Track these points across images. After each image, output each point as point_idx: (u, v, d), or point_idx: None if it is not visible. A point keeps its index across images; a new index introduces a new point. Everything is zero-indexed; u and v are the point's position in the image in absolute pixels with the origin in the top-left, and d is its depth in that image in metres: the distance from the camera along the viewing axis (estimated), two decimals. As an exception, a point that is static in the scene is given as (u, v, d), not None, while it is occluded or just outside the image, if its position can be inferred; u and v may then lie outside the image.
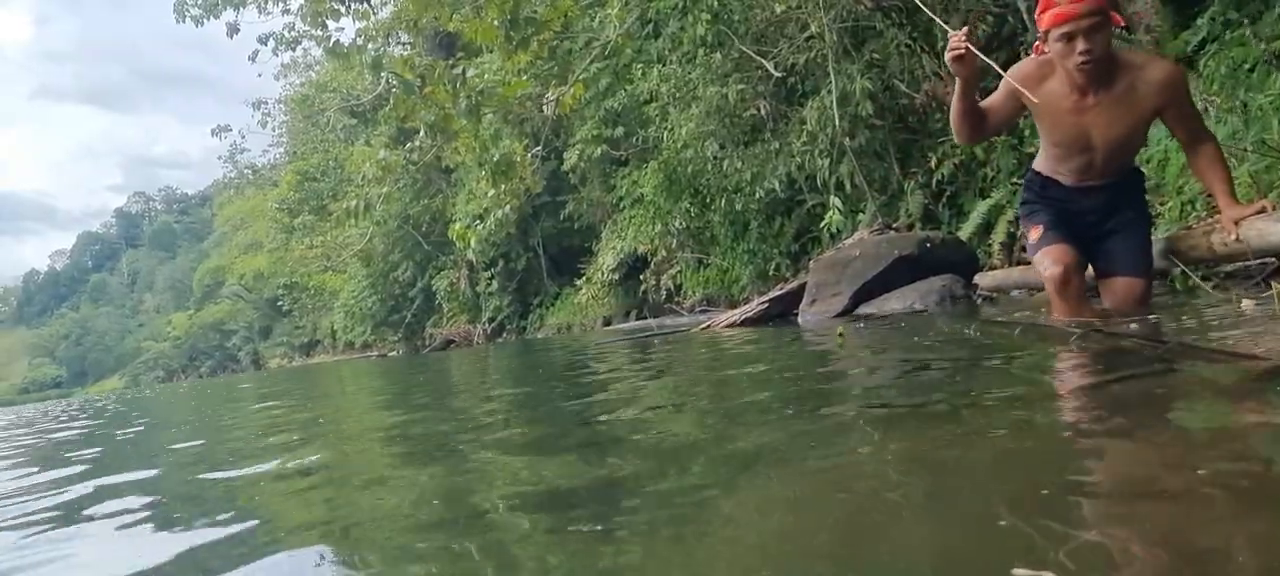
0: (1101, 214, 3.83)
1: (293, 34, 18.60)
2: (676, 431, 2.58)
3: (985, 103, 3.80)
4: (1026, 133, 8.91)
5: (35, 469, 3.96)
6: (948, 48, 3.54)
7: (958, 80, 3.67)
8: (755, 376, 3.94)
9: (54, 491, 2.95)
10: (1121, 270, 3.82)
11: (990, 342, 3.70)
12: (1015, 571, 1.00)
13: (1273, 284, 3.77)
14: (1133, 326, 3.22)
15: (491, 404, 4.48)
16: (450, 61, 13.38)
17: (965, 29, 3.55)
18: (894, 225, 9.93)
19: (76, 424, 8.35)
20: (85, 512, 2.44)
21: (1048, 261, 3.72)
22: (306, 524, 2.00)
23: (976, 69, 3.60)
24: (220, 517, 2.12)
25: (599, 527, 1.54)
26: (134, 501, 2.52)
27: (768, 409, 2.78)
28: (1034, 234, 3.87)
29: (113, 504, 2.52)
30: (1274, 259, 3.85)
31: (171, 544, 1.90)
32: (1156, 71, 3.48)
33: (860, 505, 1.45)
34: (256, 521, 2.05)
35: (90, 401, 20.43)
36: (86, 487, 2.95)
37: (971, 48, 3.49)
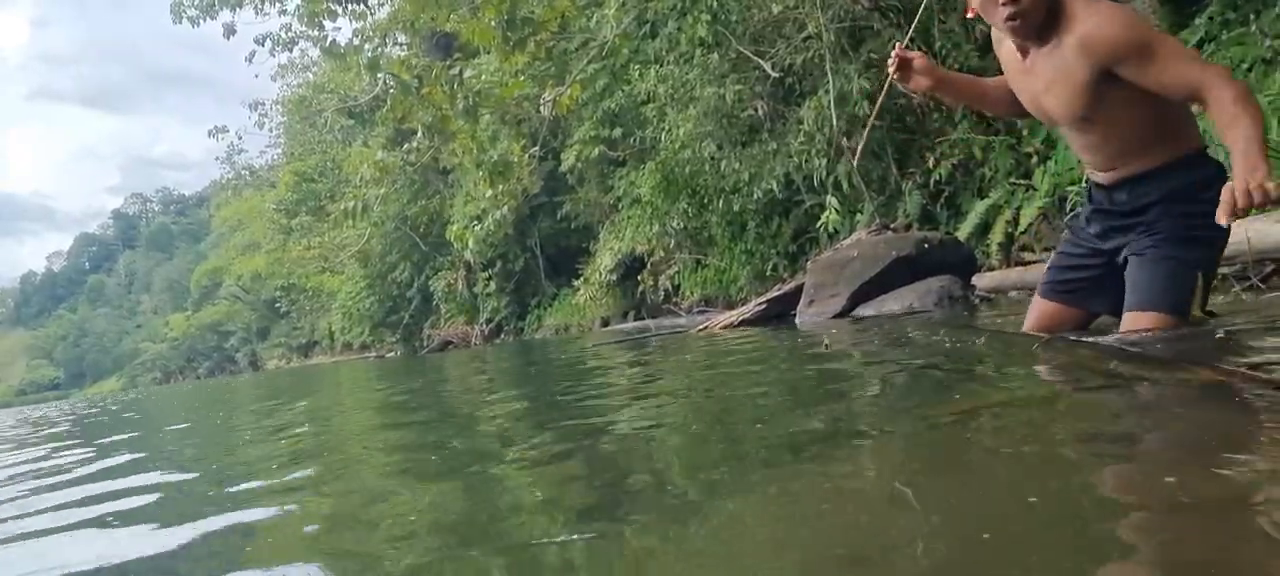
0: (1127, 220, 2.89)
1: (289, 35, 18.55)
2: (675, 439, 2.57)
3: (997, 79, 3.08)
4: (1025, 132, 8.90)
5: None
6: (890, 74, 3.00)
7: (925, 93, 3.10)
8: (751, 381, 3.93)
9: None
10: (1128, 305, 2.86)
11: (962, 349, 3.69)
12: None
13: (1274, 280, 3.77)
14: (1093, 338, 2.95)
15: (492, 410, 4.47)
16: (447, 62, 13.37)
17: (898, 48, 2.97)
18: (892, 225, 9.93)
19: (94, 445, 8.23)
20: None
21: (1027, 321, 3.28)
22: (312, 537, 1.99)
23: (936, 72, 3.00)
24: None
25: (602, 536, 1.54)
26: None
27: (763, 415, 2.78)
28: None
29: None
30: (1271, 261, 3.85)
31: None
32: (1083, 25, 2.56)
33: (852, 516, 1.44)
34: (264, 533, 2.04)
35: (98, 400, 20.37)
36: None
37: (902, 73, 2.96)
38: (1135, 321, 2.77)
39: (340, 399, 7.71)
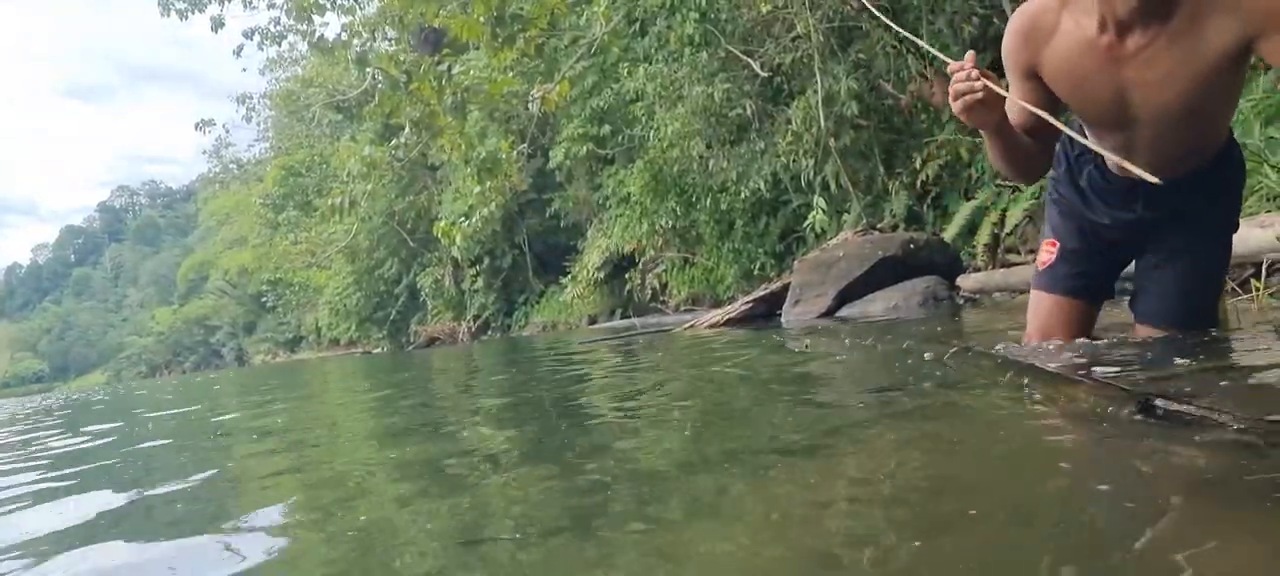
0: (1152, 225, 2.52)
1: (278, 29, 18.49)
2: (658, 444, 2.57)
3: (1014, 118, 2.32)
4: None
5: None
6: (953, 93, 2.17)
7: (985, 131, 2.32)
8: (734, 383, 3.93)
9: None
10: (1144, 316, 2.62)
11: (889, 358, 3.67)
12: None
13: (1253, 284, 3.79)
14: (1009, 350, 2.76)
15: (477, 413, 4.47)
16: (436, 58, 13.34)
17: (970, 56, 2.17)
18: (878, 226, 9.96)
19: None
20: None
21: (1032, 325, 2.72)
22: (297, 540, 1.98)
23: (1000, 105, 2.21)
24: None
25: (581, 541, 1.54)
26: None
27: (743, 419, 2.79)
28: (1044, 254, 2.72)
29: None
30: (1251, 265, 3.87)
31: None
32: None
33: (825, 523, 1.44)
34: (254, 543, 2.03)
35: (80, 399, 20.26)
36: None
37: (990, 83, 2.14)
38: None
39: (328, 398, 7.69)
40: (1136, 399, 1.74)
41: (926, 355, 3.09)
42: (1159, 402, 1.68)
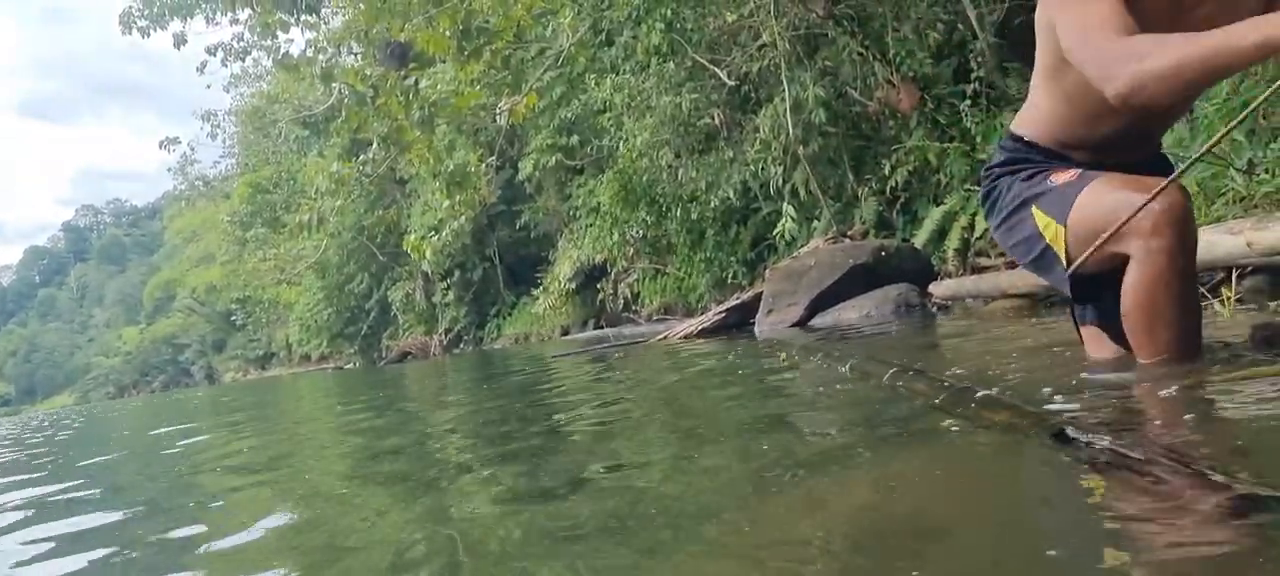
0: None
1: (241, 45, 18.28)
2: (636, 471, 2.54)
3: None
4: (978, 138, 8.95)
5: None
6: None
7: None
8: (711, 401, 3.91)
9: None
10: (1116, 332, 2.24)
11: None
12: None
13: (1223, 292, 3.80)
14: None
15: (451, 448, 4.42)
16: (403, 72, 13.25)
17: None
18: (849, 232, 9.97)
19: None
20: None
21: (1121, 194, 1.96)
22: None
23: None
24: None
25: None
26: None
27: (720, 444, 2.76)
28: (1061, 178, 2.17)
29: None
30: (1221, 269, 3.88)
31: None
32: None
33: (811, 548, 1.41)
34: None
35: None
36: None
37: None
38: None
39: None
40: (1050, 428, 1.71)
41: (874, 376, 3.07)
42: (1070, 431, 1.65)
